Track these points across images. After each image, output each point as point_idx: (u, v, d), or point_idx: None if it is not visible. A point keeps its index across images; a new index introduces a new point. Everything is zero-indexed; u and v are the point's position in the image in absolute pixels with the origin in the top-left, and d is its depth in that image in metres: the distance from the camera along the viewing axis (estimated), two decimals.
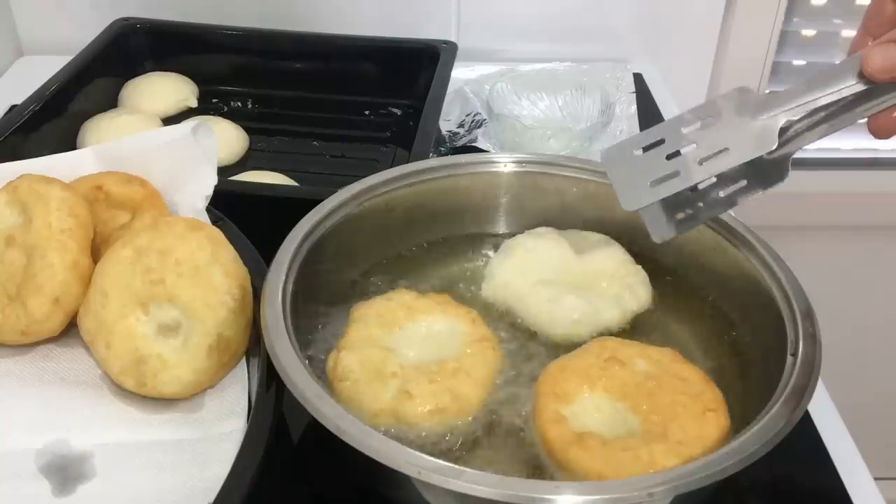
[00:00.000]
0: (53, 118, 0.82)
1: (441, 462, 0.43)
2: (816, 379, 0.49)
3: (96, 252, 0.58)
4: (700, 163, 0.51)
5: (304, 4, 1.05)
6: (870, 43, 0.49)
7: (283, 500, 0.55)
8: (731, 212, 0.64)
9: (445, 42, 0.95)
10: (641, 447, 0.48)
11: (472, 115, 0.91)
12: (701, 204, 0.54)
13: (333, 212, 0.60)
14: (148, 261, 0.54)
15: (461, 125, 0.91)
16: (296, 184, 0.81)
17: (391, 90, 0.97)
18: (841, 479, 0.57)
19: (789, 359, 0.50)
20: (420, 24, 1.06)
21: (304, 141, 0.92)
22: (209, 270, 0.54)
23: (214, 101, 0.97)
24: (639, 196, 0.52)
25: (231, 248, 0.56)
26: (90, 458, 0.51)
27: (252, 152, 0.90)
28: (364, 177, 0.63)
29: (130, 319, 0.54)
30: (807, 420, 0.61)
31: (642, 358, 0.54)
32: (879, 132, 0.50)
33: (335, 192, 0.61)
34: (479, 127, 0.90)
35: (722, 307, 0.61)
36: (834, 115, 0.51)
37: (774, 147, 0.50)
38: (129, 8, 0.99)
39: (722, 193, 0.54)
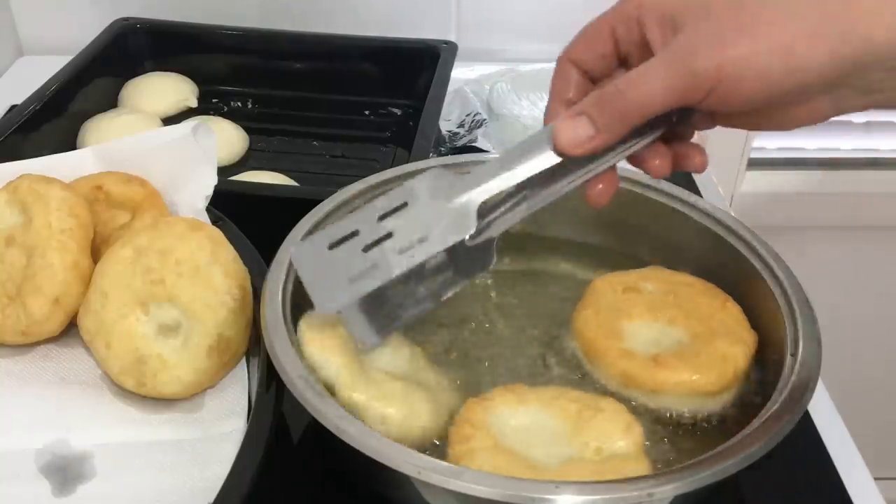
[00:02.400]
0: (53, 118, 0.82)
1: (441, 462, 0.43)
2: (816, 379, 0.49)
3: (96, 252, 0.58)
4: (400, 252, 0.47)
5: (303, 4, 1.05)
6: (561, 112, 0.46)
7: (284, 500, 0.55)
8: (731, 211, 0.64)
9: (446, 42, 0.95)
10: (709, 345, 0.53)
11: (473, 115, 0.91)
12: (403, 302, 0.50)
13: (333, 212, 0.60)
14: (148, 261, 0.54)
15: (461, 125, 0.91)
16: (296, 184, 0.81)
17: (391, 90, 0.97)
18: (841, 478, 0.57)
19: (789, 359, 0.50)
20: (420, 23, 1.06)
21: (305, 141, 0.92)
22: (209, 270, 0.54)
23: (214, 101, 0.97)
24: (335, 295, 0.47)
25: (231, 248, 0.56)
26: (90, 459, 0.51)
27: (252, 152, 0.90)
28: (364, 177, 0.63)
29: (130, 319, 0.54)
30: (807, 420, 0.61)
31: (642, 280, 0.59)
32: (593, 200, 0.48)
33: (335, 192, 0.61)
34: (479, 127, 0.90)
35: None
36: (534, 193, 0.48)
37: (473, 231, 0.47)
38: (130, 8, 0.99)
39: (425, 289, 0.50)
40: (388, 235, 0.47)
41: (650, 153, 0.47)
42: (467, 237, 0.48)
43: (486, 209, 0.48)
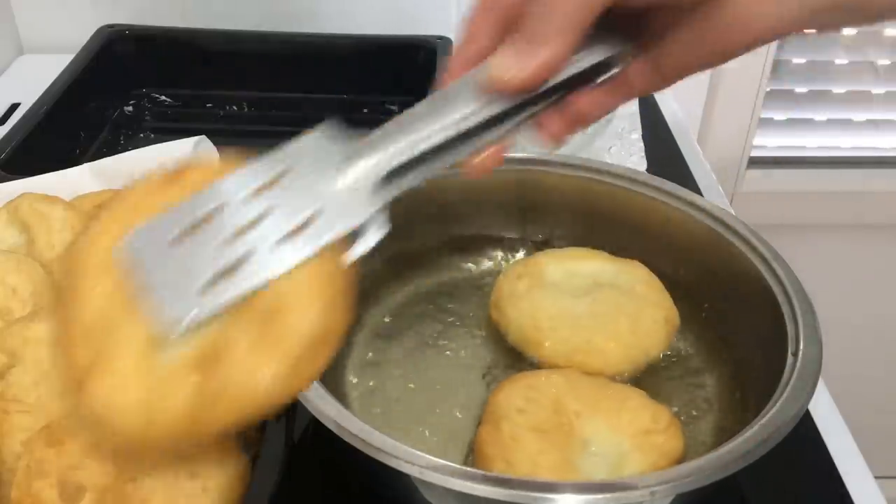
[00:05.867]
0: (48, 135, 0.80)
1: (442, 461, 0.43)
2: (817, 378, 0.49)
3: None
4: (280, 242, 0.34)
5: (302, 4, 1.05)
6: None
7: (284, 500, 0.55)
8: (731, 210, 0.64)
9: (440, 37, 0.95)
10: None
11: None
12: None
13: None
14: None
15: None
16: None
17: (387, 87, 0.96)
18: (841, 478, 0.57)
19: (790, 358, 0.50)
20: (420, 23, 1.06)
21: None
22: None
23: (209, 105, 0.96)
24: (179, 310, 0.33)
25: None
26: None
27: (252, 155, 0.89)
28: None
29: None
30: (807, 419, 0.61)
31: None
32: (477, 170, 0.39)
33: None
34: None
35: (721, 306, 0.61)
36: (443, 155, 0.38)
37: (368, 216, 0.36)
38: (130, 7, 0.99)
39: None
40: (262, 216, 0.35)
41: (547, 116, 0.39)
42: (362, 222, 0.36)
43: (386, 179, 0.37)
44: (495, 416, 0.51)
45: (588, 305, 0.58)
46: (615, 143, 0.89)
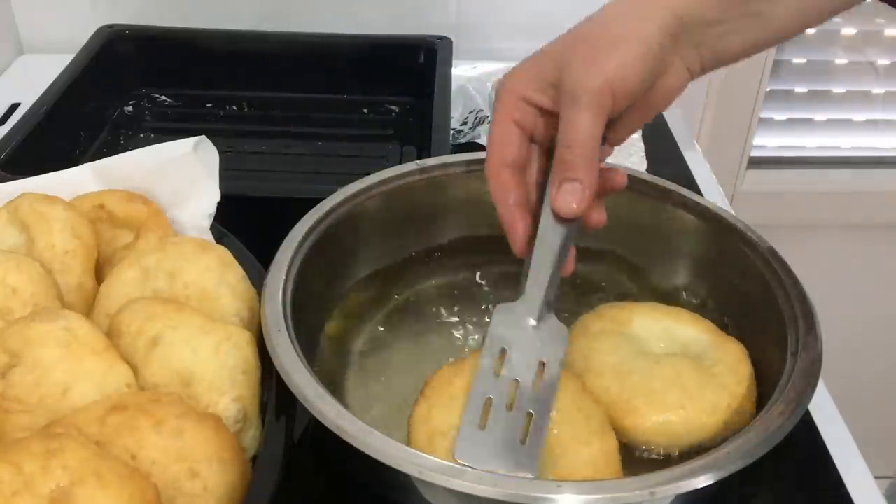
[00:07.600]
0: (48, 136, 0.80)
1: (442, 462, 0.43)
2: (817, 378, 0.49)
3: (99, 272, 0.57)
4: (535, 389, 0.48)
5: (302, 4, 1.05)
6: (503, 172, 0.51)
7: (284, 500, 0.55)
8: (731, 210, 0.64)
9: (440, 37, 0.95)
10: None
11: (475, 112, 0.91)
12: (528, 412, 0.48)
13: (333, 211, 0.60)
14: (156, 283, 0.53)
15: (464, 122, 0.91)
16: None
17: (388, 88, 0.97)
18: (841, 478, 0.57)
19: (790, 358, 0.50)
20: (420, 23, 1.06)
21: (308, 142, 0.92)
22: (217, 292, 0.53)
23: (209, 105, 0.96)
24: (528, 463, 0.46)
25: (239, 268, 0.55)
26: None
27: (252, 155, 0.89)
28: (364, 175, 0.63)
29: None
30: (807, 420, 0.61)
31: None
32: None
33: (335, 190, 0.61)
34: (481, 124, 0.90)
35: (722, 306, 0.61)
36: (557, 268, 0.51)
37: (566, 332, 0.51)
38: (129, 7, 0.99)
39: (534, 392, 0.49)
40: (517, 382, 0.49)
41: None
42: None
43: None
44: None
45: (648, 367, 0.54)
46: None
